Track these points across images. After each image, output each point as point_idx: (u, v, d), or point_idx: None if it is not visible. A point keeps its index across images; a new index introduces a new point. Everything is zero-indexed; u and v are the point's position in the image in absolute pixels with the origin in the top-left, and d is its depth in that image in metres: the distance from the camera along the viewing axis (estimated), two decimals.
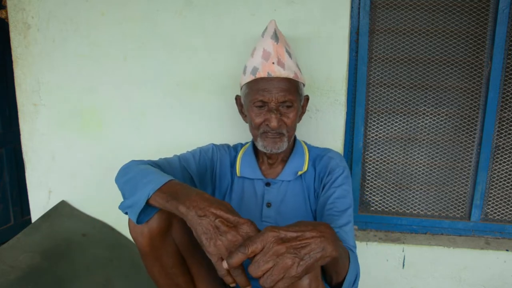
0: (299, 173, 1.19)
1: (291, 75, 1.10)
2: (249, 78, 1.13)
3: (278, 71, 1.08)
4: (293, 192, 1.19)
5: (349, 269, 0.88)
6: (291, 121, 1.12)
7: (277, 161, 1.22)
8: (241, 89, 1.20)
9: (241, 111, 1.24)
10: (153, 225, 0.94)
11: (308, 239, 0.70)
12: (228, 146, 1.30)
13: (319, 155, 1.22)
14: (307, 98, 1.24)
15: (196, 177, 1.18)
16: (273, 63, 1.09)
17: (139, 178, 0.94)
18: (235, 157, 1.26)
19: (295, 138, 1.25)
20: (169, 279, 1.03)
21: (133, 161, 1.07)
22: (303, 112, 1.23)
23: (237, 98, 1.25)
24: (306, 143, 1.28)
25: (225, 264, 0.73)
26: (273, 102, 1.09)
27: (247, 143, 1.30)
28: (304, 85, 1.20)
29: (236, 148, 1.30)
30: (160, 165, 1.09)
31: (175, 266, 1.02)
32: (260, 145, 1.14)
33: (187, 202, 0.81)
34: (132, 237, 0.97)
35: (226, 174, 1.24)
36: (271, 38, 1.12)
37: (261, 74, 1.09)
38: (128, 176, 0.98)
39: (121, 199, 1.03)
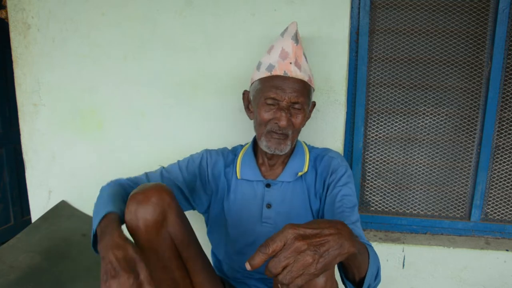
0: (299, 174, 1.19)
1: (305, 78, 1.11)
2: (263, 74, 1.12)
3: (295, 72, 1.09)
4: (293, 193, 1.19)
5: (370, 263, 0.88)
6: (299, 123, 1.12)
7: (277, 162, 1.21)
8: (251, 84, 1.19)
9: (248, 107, 1.22)
10: (148, 218, 0.96)
11: (327, 236, 0.70)
12: (224, 149, 1.30)
13: (319, 155, 1.22)
14: (313, 104, 1.24)
15: (184, 187, 1.21)
16: (290, 63, 1.09)
17: (98, 206, 1.02)
18: (233, 159, 1.26)
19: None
20: (164, 273, 1.03)
21: (111, 181, 1.13)
22: (308, 117, 1.23)
23: (245, 93, 1.23)
24: (306, 144, 1.28)
25: (248, 266, 0.73)
26: (285, 101, 1.09)
27: (247, 144, 1.30)
28: (314, 90, 1.20)
29: (235, 150, 1.30)
30: (137, 182, 1.15)
31: (171, 259, 1.03)
32: (263, 145, 1.14)
33: (102, 241, 0.87)
34: (128, 230, 0.98)
35: (220, 178, 1.24)
36: (292, 39, 1.12)
37: (277, 72, 1.09)
38: (97, 201, 1.06)
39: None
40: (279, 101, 1.09)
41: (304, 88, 1.11)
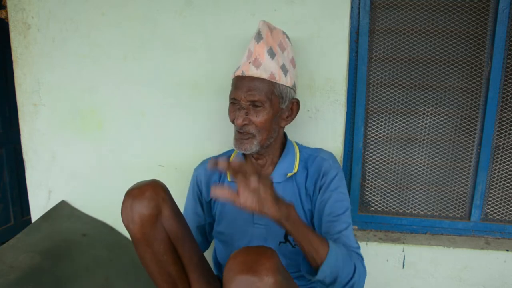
0: (289, 174, 1.19)
1: (264, 75, 1.09)
2: (232, 76, 1.17)
3: (251, 71, 1.10)
4: (284, 194, 1.17)
5: (328, 257, 0.92)
6: (260, 122, 1.10)
7: (267, 163, 1.21)
8: None
9: None
10: (143, 212, 0.98)
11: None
12: (211, 157, 1.34)
13: (311, 155, 1.22)
14: (296, 102, 1.19)
15: (207, 222, 1.31)
16: (249, 62, 1.11)
17: None
18: None
19: (285, 140, 1.25)
20: (160, 267, 1.04)
21: None
22: (291, 116, 1.19)
23: None
24: (297, 144, 1.28)
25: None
26: (242, 100, 1.10)
27: None
28: (294, 89, 1.17)
29: (226, 153, 1.33)
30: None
31: (166, 253, 1.04)
32: (233, 143, 1.16)
33: None
34: (124, 225, 1.00)
35: (211, 183, 1.27)
36: (254, 38, 1.14)
37: (238, 72, 1.13)
38: None
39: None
40: (238, 100, 1.11)
41: (263, 86, 1.09)
